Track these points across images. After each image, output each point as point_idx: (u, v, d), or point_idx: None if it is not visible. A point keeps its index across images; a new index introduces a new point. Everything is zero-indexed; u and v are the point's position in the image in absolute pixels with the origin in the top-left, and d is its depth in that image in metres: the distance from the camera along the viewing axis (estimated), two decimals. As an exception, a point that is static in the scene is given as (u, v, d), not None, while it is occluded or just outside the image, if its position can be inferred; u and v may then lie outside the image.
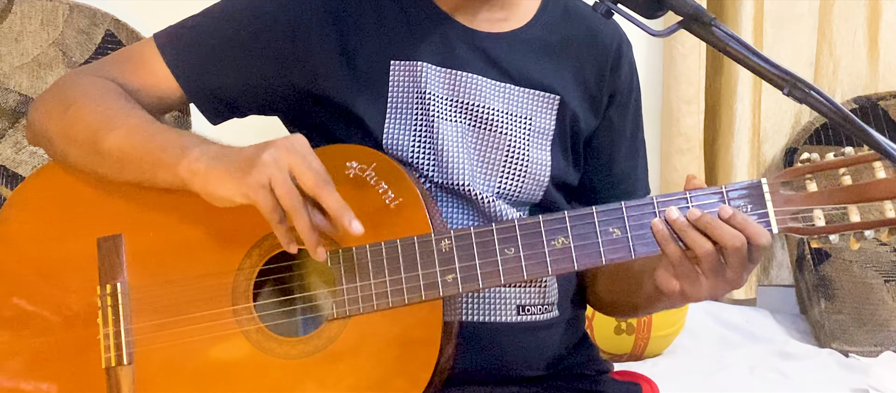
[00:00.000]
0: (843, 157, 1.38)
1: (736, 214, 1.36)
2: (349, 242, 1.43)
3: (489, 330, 1.53)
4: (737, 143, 2.81)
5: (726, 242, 1.35)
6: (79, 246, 1.50)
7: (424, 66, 1.54)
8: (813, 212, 1.38)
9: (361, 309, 1.42)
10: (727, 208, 1.37)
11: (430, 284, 1.41)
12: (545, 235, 1.40)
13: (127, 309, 1.48)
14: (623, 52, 1.65)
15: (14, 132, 2.30)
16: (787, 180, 1.40)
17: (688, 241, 1.37)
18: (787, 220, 1.39)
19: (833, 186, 1.38)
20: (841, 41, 2.94)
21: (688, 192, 1.40)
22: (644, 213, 1.39)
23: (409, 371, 1.40)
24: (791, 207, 1.39)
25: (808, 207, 1.38)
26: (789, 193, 1.39)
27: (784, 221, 1.39)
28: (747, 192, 1.40)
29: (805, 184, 1.39)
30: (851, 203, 1.37)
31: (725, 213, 1.37)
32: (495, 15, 1.58)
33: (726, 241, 1.35)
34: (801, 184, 1.39)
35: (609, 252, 1.40)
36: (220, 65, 1.55)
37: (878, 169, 1.36)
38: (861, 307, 2.74)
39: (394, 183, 1.44)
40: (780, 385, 2.42)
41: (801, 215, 1.39)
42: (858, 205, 1.36)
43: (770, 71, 1.28)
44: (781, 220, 1.39)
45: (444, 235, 1.42)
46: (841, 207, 1.37)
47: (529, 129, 1.57)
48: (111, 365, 1.47)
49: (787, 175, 1.40)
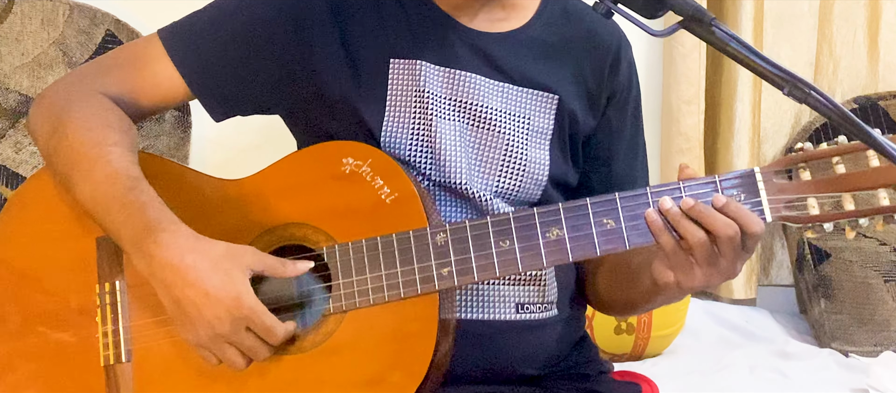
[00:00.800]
0: (836, 145, 1.38)
1: (729, 203, 1.36)
2: (346, 238, 1.44)
3: (488, 328, 1.53)
4: (737, 143, 2.81)
5: (719, 231, 1.35)
6: (79, 246, 1.51)
7: (423, 64, 1.54)
8: (807, 200, 1.38)
9: (358, 303, 1.43)
10: (721, 197, 1.37)
11: (425, 278, 1.42)
12: (540, 227, 1.41)
13: (126, 307, 1.49)
14: (622, 53, 1.65)
15: (14, 132, 2.30)
16: (780, 169, 1.40)
17: (681, 230, 1.37)
18: (781, 208, 1.39)
19: (827, 175, 1.38)
20: (841, 41, 2.94)
21: (681, 182, 1.40)
22: (638, 203, 1.40)
23: (406, 365, 1.41)
24: (785, 195, 1.39)
25: (801, 195, 1.38)
26: (783, 182, 1.39)
27: (778, 209, 1.39)
28: (741, 181, 1.40)
29: (799, 173, 1.39)
30: (845, 191, 1.37)
31: (719, 201, 1.37)
32: (495, 15, 1.59)
33: (719, 230, 1.35)
34: (795, 173, 1.39)
35: (603, 243, 1.40)
36: (224, 61, 1.55)
37: (872, 157, 1.36)
38: (861, 307, 2.73)
39: (389, 178, 1.45)
40: (780, 385, 2.42)
41: (795, 204, 1.39)
42: (852, 193, 1.36)
43: (770, 71, 1.28)
44: (775, 208, 1.39)
45: (440, 228, 1.43)
46: (835, 195, 1.37)
47: (528, 128, 1.57)
48: (110, 363, 1.48)
49: (780, 164, 1.40)
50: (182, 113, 2.36)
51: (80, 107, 1.52)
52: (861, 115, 2.66)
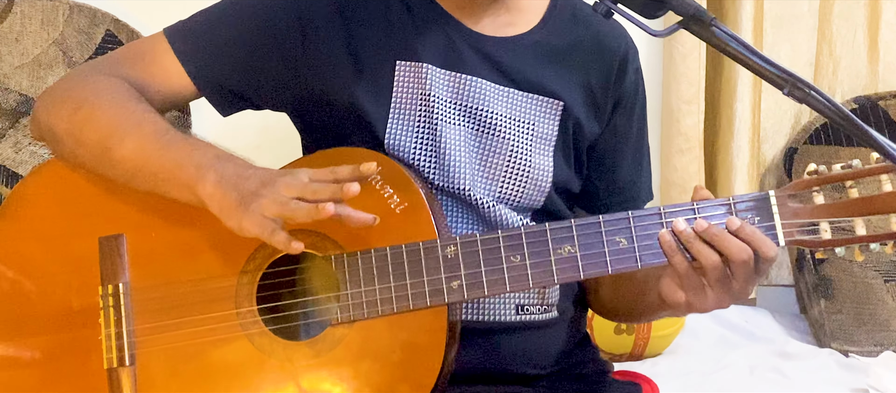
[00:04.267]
0: (850, 169, 1.38)
1: (744, 226, 1.36)
2: (354, 246, 1.43)
3: (488, 329, 1.53)
4: (737, 143, 2.81)
5: (733, 255, 1.35)
6: (80, 245, 1.50)
7: (429, 68, 1.54)
8: (819, 225, 1.38)
9: (366, 314, 1.42)
10: (735, 220, 1.36)
11: (435, 291, 1.41)
12: (552, 244, 1.40)
13: (129, 310, 1.48)
14: (629, 59, 1.64)
15: (14, 132, 2.30)
16: (794, 193, 1.40)
17: (694, 252, 1.36)
18: (795, 233, 1.39)
19: (840, 199, 1.38)
20: (841, 41, 2.94)
21: (695, 203, 1.39)
22: (651, 223, 1.39)
23: (414, 377, 1.40)
24: (798, 219, 1.39)
25: (814, 219, 1.38)
26: (797, 206, 1.39)
27: (791, 233, 1.39)
28: (755, 205, 1.39)
29: (812, 196, 1.39)
30: (858, 216, 1.37)
31: (733, 225, 1.36)
32: (500, 19, 1.58)
33: (734, 253, 1.35)
34: (809, 196, 1.39)
35: (615, 262, 1.40)
36: (230, 60, 1.55)
37: (885, 182, 1.36)
38: (861, 307, 2.73)
39: (399, 187, 1.44)
40: (780, 385, 2.42)
41: (808, 228, 1.39)
42: (864, 218, 1.37)
43: (770, 71, 1.28)
44: (788, 233, 1.39)
45: (450, 241, 1.42)
46: (847, 219, 1.37)
47: (532, 134, 1.56)
48: (113, 366, 1.47)
49: (794, 188, 1.40)
50: (182, 113, 2.35)
51: (105, 84, 1.52)
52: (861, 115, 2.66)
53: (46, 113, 1.54)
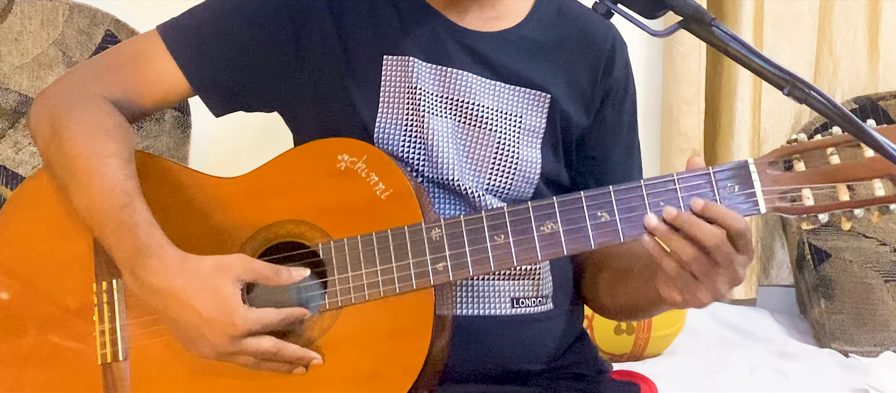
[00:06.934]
0: (831, 136, 1.38)
1: (708, 205, 1.35)
2: (341, 234, 1.44)
3: (484, 324, 1.53)
4: (737, 144, 2.81)
5: (706, 240, 1.34)
6: (77, 245, 1.51)
7: (414, 61, 1.55)
8: (802, 191, 1.38)
9: (353, 299, 1.44)
10: (698, 201, 1.36)
11: (420, 273, 1.42)
12: (534, 221, 1.41)
13: (122, 306, 1.49)
14: (617, 52, 1.65)
15: (14, 132, 2.30)
16: (774, 160, 1.39)
17: (672, 250, 1.36)
18: (776, 199, 1.38)
19: (822, 166, 1.37)
20: (841, 41, 2.94)
21: (675, 174, 1.39)
22: (632, 196, 1.40)
23: (402, 360, 1.41)
24: (779, 186, 1.38)
25: (796, 185, 1.38)
26: (777, 173, 1.39)
27: (772, 200, 1.38)
28: (734, 173, 1.39)
29: (793, 164, 1.39)
30: (840, 182, 1.36)
31: (697, 205, 1.35)
32: (486, 13, 1.59)
33: (706, 238, 1.34)
34: (790, 164, 1.39)
35: (598, 236, 1.40)
36: (223, 56, 1.56)
37: (867, 147, 1.35)
38: (861, 307, 2.73)
39: (384, 175, 1.45)
40: (780, 385, 2.42)
41: (790, 194, 1.38)
42: (847, 183, 1.36)
43: (770, 71, 1.28)
44: (769, 199, 1.38)
45: (435, 223, 1.43)
46: (830, 185, 1.37)
47: (519, 126, 1.57)
48: (107, 361, 1.48)
49: (774, 155, 1.40)
50: (181, 113, 2.36)
51: (80, 112, 1.52)
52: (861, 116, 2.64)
53: (33, 125, 1.56)
